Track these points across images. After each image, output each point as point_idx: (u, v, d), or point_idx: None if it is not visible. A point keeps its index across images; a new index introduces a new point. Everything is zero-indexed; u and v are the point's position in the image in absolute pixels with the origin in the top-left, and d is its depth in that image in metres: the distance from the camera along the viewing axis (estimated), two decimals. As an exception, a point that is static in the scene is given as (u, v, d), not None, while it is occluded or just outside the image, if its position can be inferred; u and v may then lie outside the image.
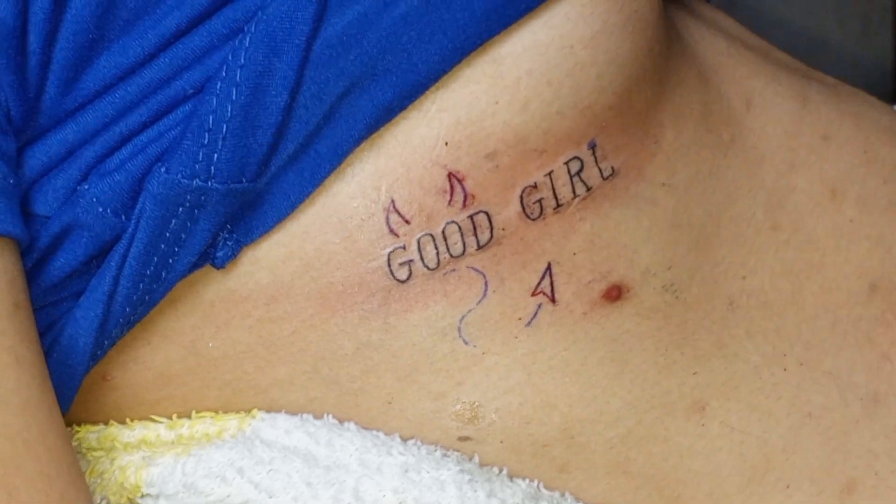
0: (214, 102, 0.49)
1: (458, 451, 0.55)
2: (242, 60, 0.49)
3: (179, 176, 0.49)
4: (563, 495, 0.55)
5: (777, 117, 0.60)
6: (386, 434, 0.54)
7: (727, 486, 0.58)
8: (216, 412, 0.55)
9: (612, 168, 0.54)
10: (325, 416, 0.54)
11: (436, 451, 0.54)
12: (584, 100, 0.53)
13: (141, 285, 0.50)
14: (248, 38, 0.49)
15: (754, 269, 0.58)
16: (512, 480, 0.55)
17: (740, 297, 0.58)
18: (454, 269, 0.53)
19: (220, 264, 0.52)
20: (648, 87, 0.55)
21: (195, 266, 0.51)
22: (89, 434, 0.55)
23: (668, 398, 0.57)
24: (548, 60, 0.52)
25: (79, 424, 0.56)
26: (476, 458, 0.55)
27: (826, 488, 0.58)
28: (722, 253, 0.58)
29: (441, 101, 0.51)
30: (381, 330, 0.54)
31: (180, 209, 0.49)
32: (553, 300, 0.54)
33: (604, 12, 0.53)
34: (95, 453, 0.55)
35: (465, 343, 0.54)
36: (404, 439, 0.54)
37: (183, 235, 0.50)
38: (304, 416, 0.54)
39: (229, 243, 0.51)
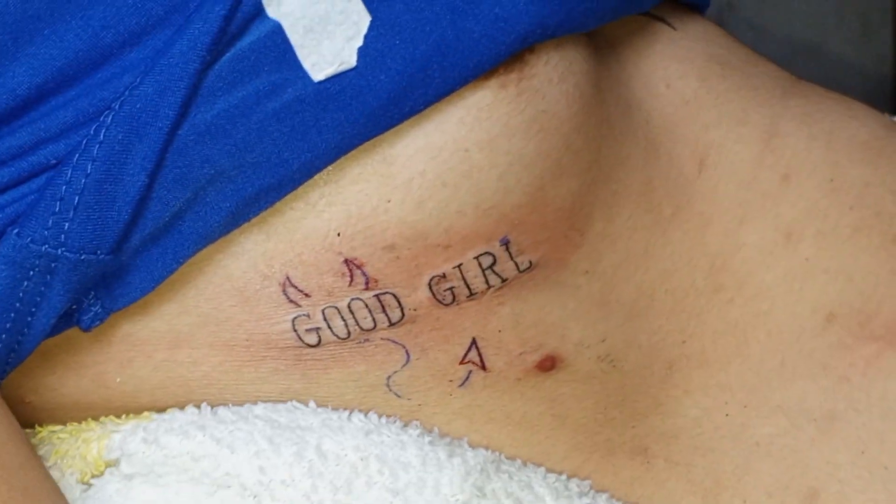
0: (69, 174, 0.49)
1: None
2: (101, 137, 0.49)
3: (29, 240, 0.49)
4: (524, 464, 0.56)
5: (732, 171, 0.57)
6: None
7: None
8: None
9: (530, 262, 0.53)
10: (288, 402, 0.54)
11: (395, 422, 0.54)
12: (486, 200, 0.51)
13: (3, 336, 0.50)
14: (110, 117, 0.49)
15: (693, 333, 0.57)
16: (473, 449, 0.55)
17: (679, 360, 0.57)
18: (368, 340, 0.53)
19: (85, 327, 0.52)
20: (572, 180, 0.53)
21: (61, 326, 0.51)
22: (51, 433, 0.56)
23: (610, 444, 0.57)
24: (441, 163, 0.51)
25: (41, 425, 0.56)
26: (436, 430, 0.55)
27: (786, 499, 0.57)
28: (659, 322, 0.57)
29: (330, 196, 0.51)
30: (301, 380, 0.54)
31: (31, 272, 0.50)
32: (484, 368, 0.54)
33: (503, 115, 0.51)
34: (61, 435, 0.55)
35: (398, 396, 0.54)
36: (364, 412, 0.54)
37: (38, 298, 0.50)
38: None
39: (94, 309, 0.51)
